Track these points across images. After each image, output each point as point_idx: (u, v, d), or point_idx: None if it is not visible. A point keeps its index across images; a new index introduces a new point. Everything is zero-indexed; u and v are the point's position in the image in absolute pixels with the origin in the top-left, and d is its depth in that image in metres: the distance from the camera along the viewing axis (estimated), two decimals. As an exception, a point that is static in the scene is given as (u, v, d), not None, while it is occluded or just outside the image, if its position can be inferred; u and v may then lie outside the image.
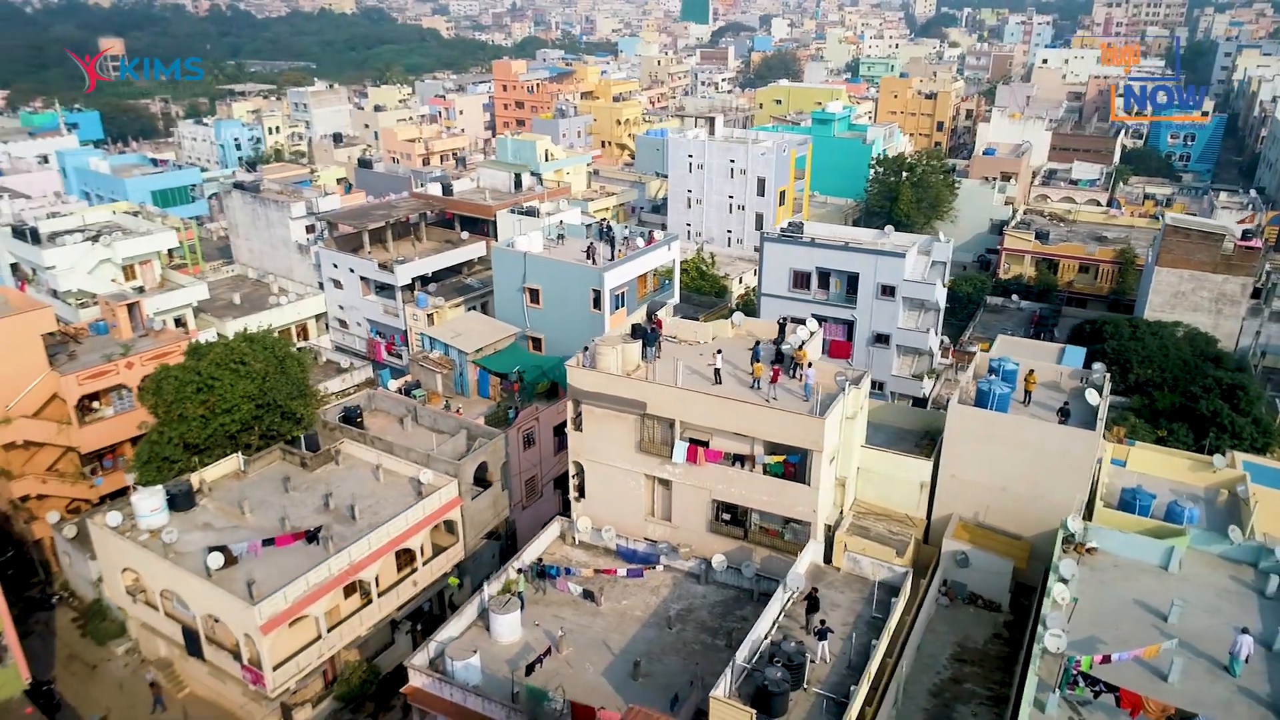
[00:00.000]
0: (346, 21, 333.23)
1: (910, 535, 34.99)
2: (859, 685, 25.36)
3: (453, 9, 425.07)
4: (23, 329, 43.66)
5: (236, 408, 40.10)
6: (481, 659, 30.52)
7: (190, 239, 71.13)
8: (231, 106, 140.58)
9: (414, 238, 65.27)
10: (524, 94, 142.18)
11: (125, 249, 55.42)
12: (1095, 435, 32.19)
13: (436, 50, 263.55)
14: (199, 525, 37.80)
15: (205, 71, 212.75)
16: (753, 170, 73.59)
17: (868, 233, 56.47)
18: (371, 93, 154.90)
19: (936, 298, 51.81)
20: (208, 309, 61.51)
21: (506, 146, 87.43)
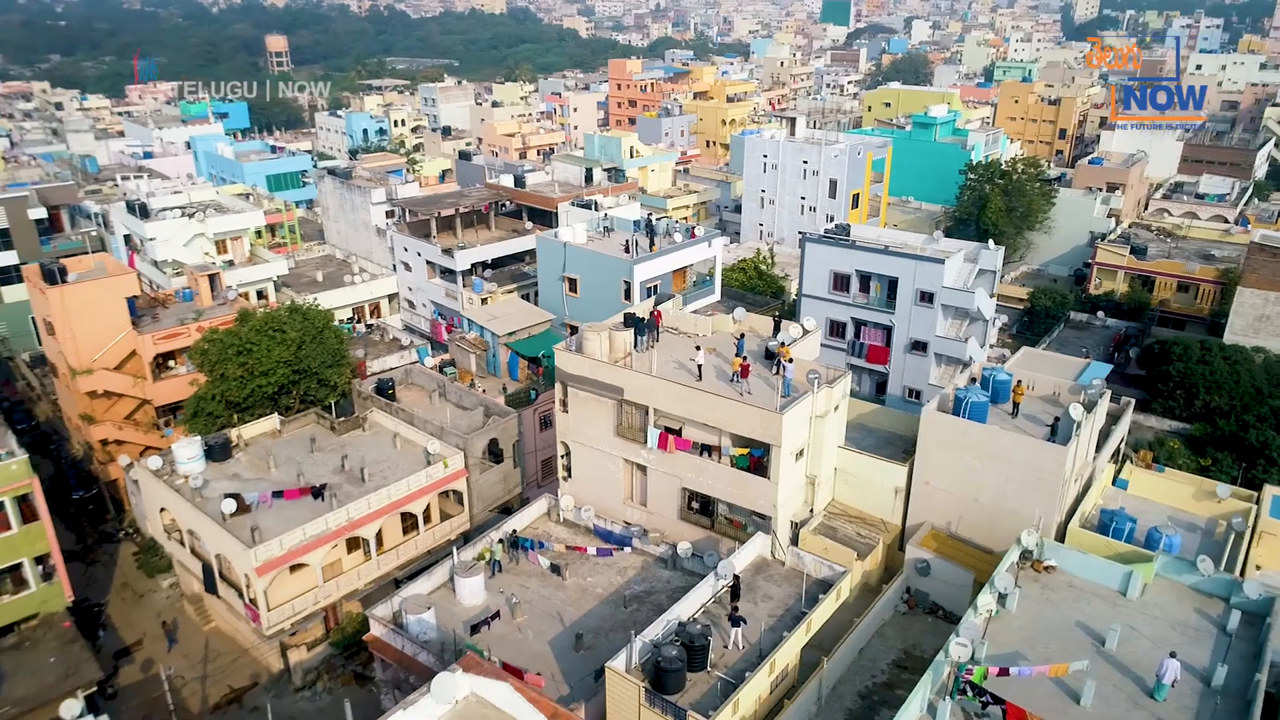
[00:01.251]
0: (493, 21, 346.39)
1: (878, 539, 34.65)
2: (754, 672, 25.73)
3: (598, 10, 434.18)
4: (110, 291, 49.07)
5: (273, 371, 43.82)
6: (440, 617, 32.56)
7: (291, 220, 77.05)
8: (364, 100, 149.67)
9: (485, 226, 68.38)
10: (637, 93, 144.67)
11: (216, 225, 60.93)
12: (1063, 451, 30.96)
13: (572, 50, 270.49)
14: (229, 475, 41.61)
15: (350, 66, 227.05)
16: (825, 171, 72.89)
17: (916, 237, 55.23)
18: (496, 90, 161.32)
19: (977, 306, 50.23)
20: (293, 284, 66.71)
21: (594, 143, 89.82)
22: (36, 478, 37.15)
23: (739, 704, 24.89)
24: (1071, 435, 31.46)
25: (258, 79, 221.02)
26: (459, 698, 18.99)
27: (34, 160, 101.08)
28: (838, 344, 54.99)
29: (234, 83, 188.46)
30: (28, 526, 37.05)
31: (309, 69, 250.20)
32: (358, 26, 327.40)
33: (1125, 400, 41.51)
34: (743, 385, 34.59)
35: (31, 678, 35.30)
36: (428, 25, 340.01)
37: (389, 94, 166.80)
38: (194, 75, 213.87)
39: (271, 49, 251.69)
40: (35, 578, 37.76)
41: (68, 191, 68.95)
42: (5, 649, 36.66)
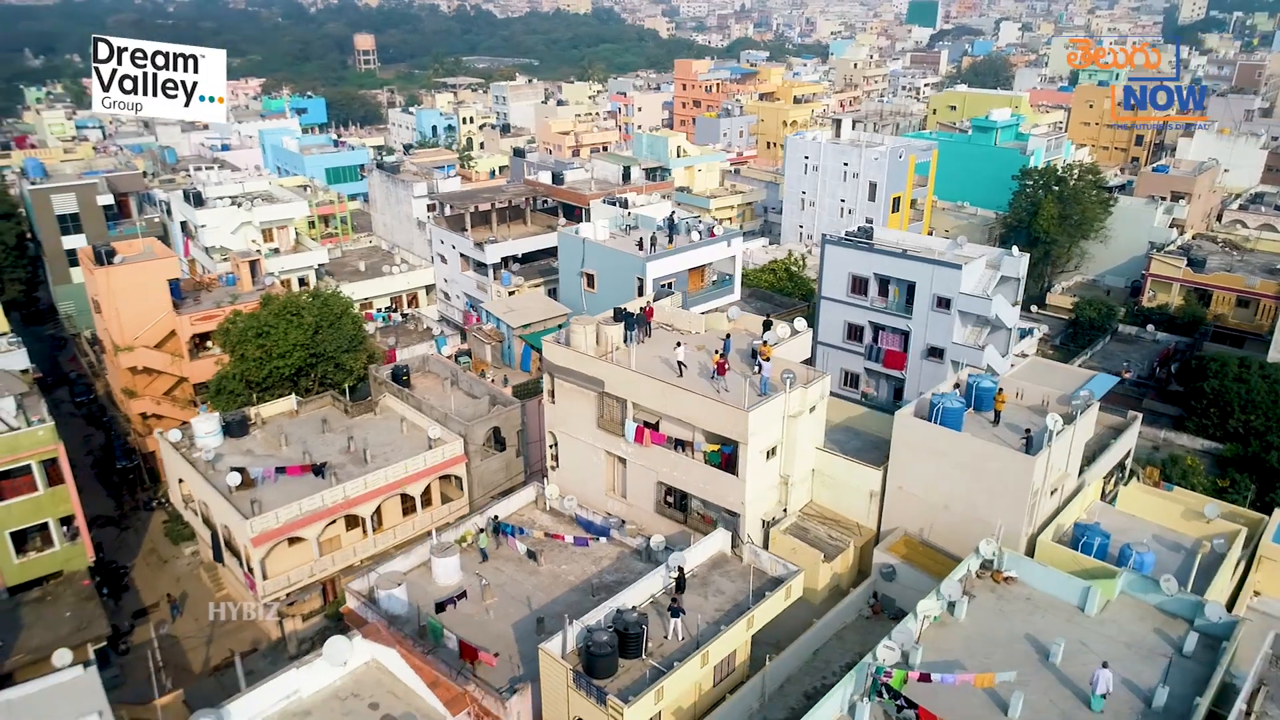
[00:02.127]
0: (577, 21, 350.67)
1: (850, 542, 34.43)
2: (684, 662, 26.06)
3: (682, 10, 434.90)
4: (152, 274, 52.11)
5: (289, 353, 45.90)
6: (415, 595, 33.79)
7: (343, 211, 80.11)
8: (435, 98, 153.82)
9: (521, 221, 69.91)
10: (701, 93, 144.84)
11: (262, 214, 63.91)
12: (1031, 461, 30.25)
13: (650, 50, 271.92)
14: (243, 451, 43.80)
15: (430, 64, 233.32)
16: (865, 174, 72.00)
17: (940, 242, 54.22)
18: (565, 89, 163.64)
19: (994, 313, 49.12)
20: (336, 273, 69.46)
21: (642, 141, 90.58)
22: (61, 444, 39.79)
23: (663, 692, 25.24)
24: (1043, 446, 30.73)
25: (343, 76, 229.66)
26: (359, 662, 19.95)
27: (121, 150, 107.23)
28: (855, 348, 54.53)
29: (316, 80, 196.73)
30: (53, 489, 39.74)
31: (395, 67, 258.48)
32: (445, 26, 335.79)
33: (1131, 414, 40.12)
34: (720, 382, 34.85)
35: (47, 629, 37.91)
36: (513, 25, 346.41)
37: (463, 92, 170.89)
38: (284, 72, 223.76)
39: (359, 47, 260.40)
40: (60, 537, 40.50)
41: (135, 180, 73.19)
42: (29, 601, 39.45)
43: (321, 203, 78.60)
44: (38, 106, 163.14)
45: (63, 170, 75.68)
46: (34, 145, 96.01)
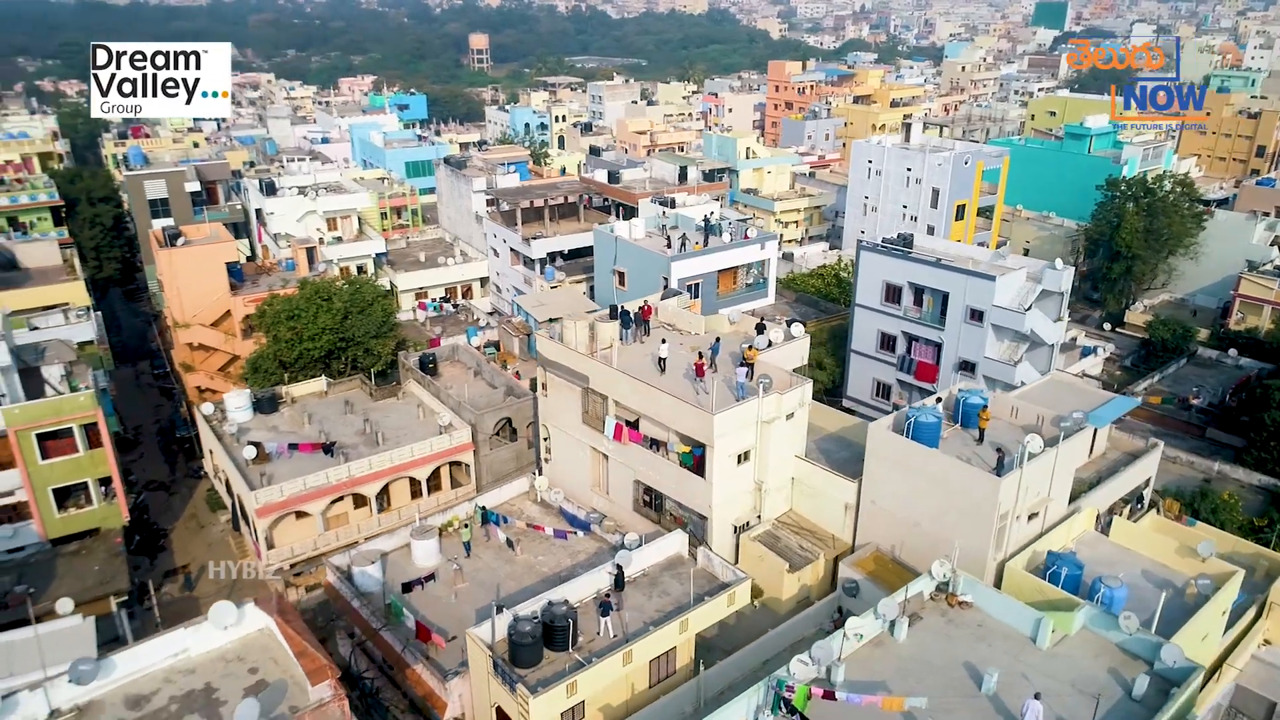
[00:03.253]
0: (690, 22, 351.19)
1: (820, 555, 33.65)
2: (601, 658, 26.15)
3: (799, 11, 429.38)
4: (210, 256, 55.58)
5: (319, 336, 48.12)
6: (393, 574, 35.05)
7: (414, 203, 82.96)
8: (531, 96, 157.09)
9: (575, 218, 70.86)
10: (794, 95, 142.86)
11: (326, 204, 67.00)
12: (998, 483, 28.83)
13: (759, 51, 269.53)
14: (269, 427, 46.25)
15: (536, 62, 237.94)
16: (928, 180, 69.65)
17: (983, 253, 52.06)
18: (661, 89, 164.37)
19: (1029, 328, 46.87)
20: (398, 262, 72.20)
21: (711, 142, 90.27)
22: (100, 409, 42.89)
23: (576, 687, 25.42)
24: (1014, 467, 29.28)
25: (455, 75, 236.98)
26: (253, 629, 20.96)
27: (230, 141, 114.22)
28: (887, 358, 53.07)
29: (426, 77, 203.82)
30: (92, 451, 42.89)
31: (506, 66, 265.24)
32: (560, 26, 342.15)
33: (1152, 441, 37.72)
34: (699, 384, 34.66)
35: (76, 580, 40.99)
36: (626, 25, 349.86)
37: (561, 91, 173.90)
38: (399, 70, 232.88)
39: (474, 47, 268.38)
40: (98, 497, 43.71)
41: (222, 169, 77.90)
42: (65, 554, 42.73)
43: (394, 195, 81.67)
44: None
45: (161, 158, 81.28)
46: (147, 135, 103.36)
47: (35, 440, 41.35)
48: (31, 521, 42.38)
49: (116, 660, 19.47)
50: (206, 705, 19.17)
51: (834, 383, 57.20)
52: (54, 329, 50.66)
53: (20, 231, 69.72)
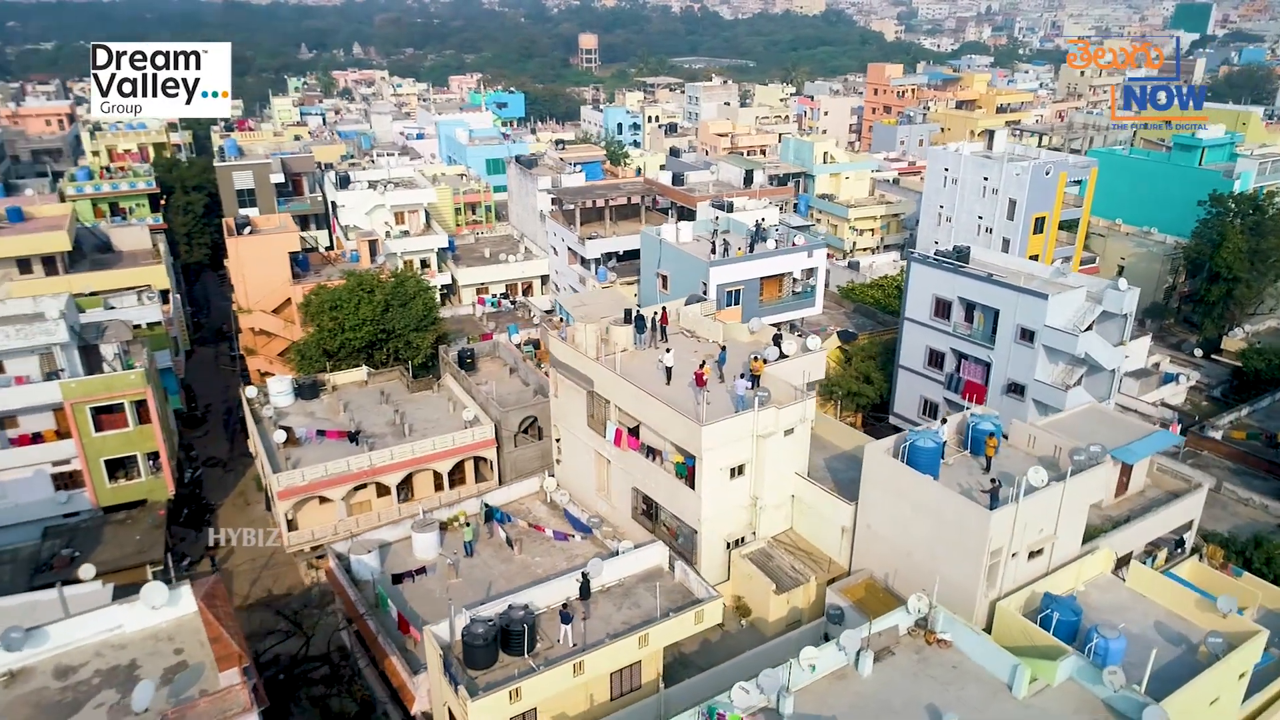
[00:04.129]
0: (804, 23, 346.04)
1: (811, 577, 32.35)
2: (550, 666, 25.82)
3: (920, 12, 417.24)
4: (273, 246, 57.97)
5: (359, 327, 49.46)
6: (393, 563, 35.70)
7: (488, 200, 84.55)
8: (626, 96, 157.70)
9: (636, 219, 70.66)
10: (893, 98, 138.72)
11: (393, 198, 68.87)
12: (988, 516, 26.97)
13: (870, 53, 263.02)
14: (307, 413, 47.87)
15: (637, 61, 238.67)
16: (1005, 190, 66.21)
17: (1043, 269, 49.11)
18: (759, 91, 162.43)
19: (1082, 351, 43.91)
20: (464, 257, 73.72)
21: (789, 146, 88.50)
22: (151, 387, 45.28)
23: (520, 693, 25.17)
24: (1009, 501, 27.38)
25: (561, 74, 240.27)
26: (188, 610, 21.61)
27: (333, 136, 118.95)
28: (935, 375, 50.82)
29: (530, 76, 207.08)
30: (142, 426, 45.35)
31: (613, 66, 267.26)
32: (671, 26, 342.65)
33: (1196, 483, 34.70)
34: (701, 394, 33.89)
35: (117, 549, 43.40)
36: (738, 26, 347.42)
37: (660, 91, 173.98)
38: (506, 69, 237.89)
39: (583, 46, 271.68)
40: (146, 470, 46.20)
41: (307, 162, 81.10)
42: (112, 522, 45.31)
43: (468, 191, 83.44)
44: (295, 95, 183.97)
45: (255, 150, 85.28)
46: (250, 128, 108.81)
47: (89, 413, 44.02)
48: (85, 490, 45.13)
49: (52, 631, 20.36)
50: (126, 681, 19.85)
51: (882, 398, 55.17)
52: (127, 309, 53.86)
53: (120, 216, 74.46)
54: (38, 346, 42.99)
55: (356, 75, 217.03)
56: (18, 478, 43.90)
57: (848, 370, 56.14)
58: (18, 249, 58.71)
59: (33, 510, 44.40)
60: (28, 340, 42.38)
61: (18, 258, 59.46)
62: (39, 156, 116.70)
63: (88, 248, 66.03)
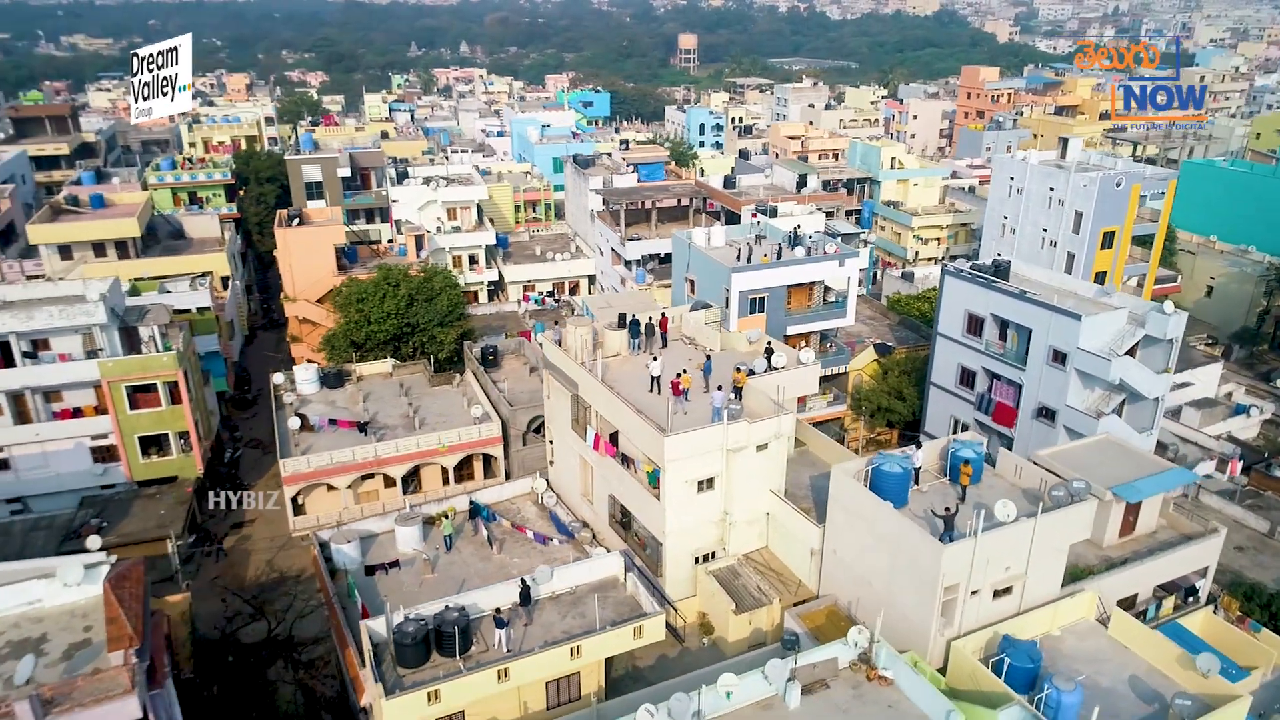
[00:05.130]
0: (913, 24, 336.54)
1: (775, 600, 31.19)
2: (474, 672, 25.65)
3: (1041, 13, 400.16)
4: (319, 238, 59.87)
5: (384, 320, 50.54)
6: (375, 555, 36.30)
7: (548, 198, 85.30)
8: (711, 97, 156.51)
9: (684, 221, 69.99)
10: (987, 103, 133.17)
11: (446, 194, 70.13)
12: (940, 549, 25.32)
13: (979, 55, 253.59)
14: (329, 401, 49.24)
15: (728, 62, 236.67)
16: (1071, 202, 62.40)
17: (1089, 287, 46.07)
18: (850, 94, 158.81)
19: (1116, 377, 40.96)
20: (515, 254, 74.63)
21: (856, 150, 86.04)
22: (182, 369, 47.34)
23: (439, 695, 25.09)
24: (965, 535, 25.69)
25: (658, 74, 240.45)
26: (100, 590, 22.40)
27: (417, 132, 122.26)
28: (966, 395, 48.42)
29: (622, 75, 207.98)
30: (173, 406, 47.54)
31: (712, 66, 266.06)
32: (775, 27, 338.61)
33: (1212, 527, 31.89)
34: (679, 403, 33.19)
35: (141, 521, 45.57)
36: (845, 27, 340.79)
37: (750, 92, 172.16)
38: (605, 68, 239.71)
39: (682, 46, 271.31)
40: (177, 448, 48.40)
41: (376, 156, 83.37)
42: (143, 496, 47.62)
43: (528, 189, 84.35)
44: (398, 91, 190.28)
45: (330, 145, 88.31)
46: (336, 123, 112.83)
47: (125, 392, 46.42)
48: (120, 464, 47.60)
49: (-27, 600, 21.40)
50: (33, 654, 20.66)
51: (914, 415, 52.94)
52: (180, 294, 56.62)
53: (197, 205, 78.34)
54: (79, 326, 45.50)
55: (457, 73, 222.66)
56: (60, 449, 46.66)
57: (881, 385, 54.10)
58: (91, 234, 62.40)
59: (72, 480, 47.08)
60: (69, 320, 44.90)
61: (93, 241, 63.26)
62: (148, 147, 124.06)
63: (162, 234, 69.66)
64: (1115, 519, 31.64)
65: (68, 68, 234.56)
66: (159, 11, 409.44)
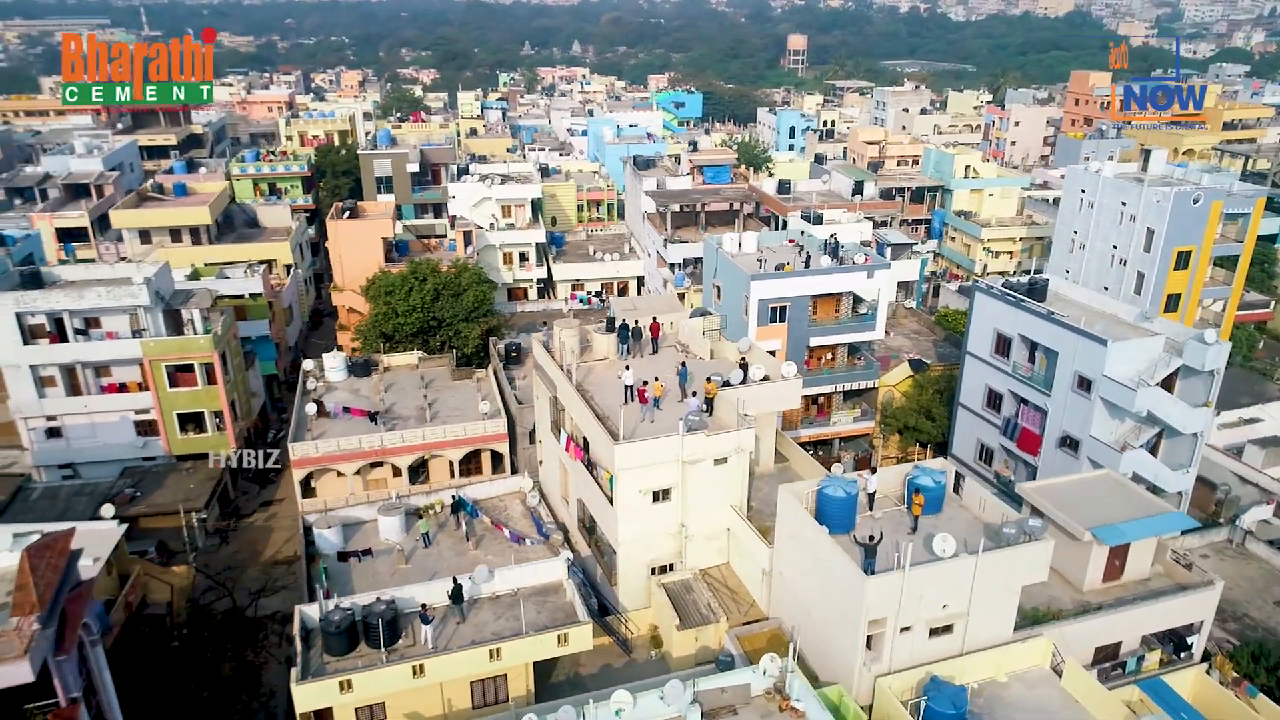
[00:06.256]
0: (1041, 25, 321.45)
1: (722, 618, 30.32)
2: (389, 665, 25.96)
3: (1189, 14, 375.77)
4: (368, 231, 61.89)
5: (409, 313, 51.76)
6: (359, 541, 37.35)
7: (611, 198, 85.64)
8: (804, 99, 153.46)
9: (733, 225, 69.01)
10: (1096, 110, 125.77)
11: (500, 192, 71.27)
12: (863, 581, 23.98)
13: (1105, 59, 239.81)
14: (353, 389, 50.78)
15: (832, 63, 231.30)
16: (1143, 218, 58.20)
17: (1129, 310, 42.89)
18: (951, 98, 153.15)
19: (1143, 408, 38.03)
20: (569, 253, 75.26)
21: (930, 157, 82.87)
22: (218, 351, 49.70)
23: (350, 684, 25.52)
24: (893, 568, 24.31)
25: (763, 75, 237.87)
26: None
27: (504, 130, 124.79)
28: (992, 418, 45.99)
29: (719, 76, 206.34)
30: (209, 386, 50.06)
31: (823, 67, 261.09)
32: (893, 28, 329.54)
33: (1207, 579, 29.21)
34: (646, 411, 32.77)
35: (172, 493, 48.21)
36: (966, 29, 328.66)
37: (849, 95, 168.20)
38: (709, 68, 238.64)
39: (791, 47, 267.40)
40: (212, 426, 50.95)
41: (445, 153, 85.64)
42: (178, 470, 50.35)
43: (592, 188, 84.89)
44: (503, 89, 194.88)
45: (406, 141, 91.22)
46: (422, 120, 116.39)
47: (165, 370, 49.18)
48: (160, 438, 50.47)
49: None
50: (-45, 613, 22.11)
51: (943, 436, 50.61)
52: (235, 280, 59.62)
53: (276, 195, 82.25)
54: (125, 307, 48.45)
55: (562, 72, 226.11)
56: (106, 421, 49.87)
57: (911, 402, 51.96)
58: (166, 220, 66.47)
59: (117, 451, 50.21)
60: (115, 300, 47.86)
61: (170, 227, 67.31)
62: (255, 139, 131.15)
63: (238, 222, 73.49)
64: (1097, 562, 29.36)
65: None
66: (297, 11, 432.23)
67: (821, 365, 51.25)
